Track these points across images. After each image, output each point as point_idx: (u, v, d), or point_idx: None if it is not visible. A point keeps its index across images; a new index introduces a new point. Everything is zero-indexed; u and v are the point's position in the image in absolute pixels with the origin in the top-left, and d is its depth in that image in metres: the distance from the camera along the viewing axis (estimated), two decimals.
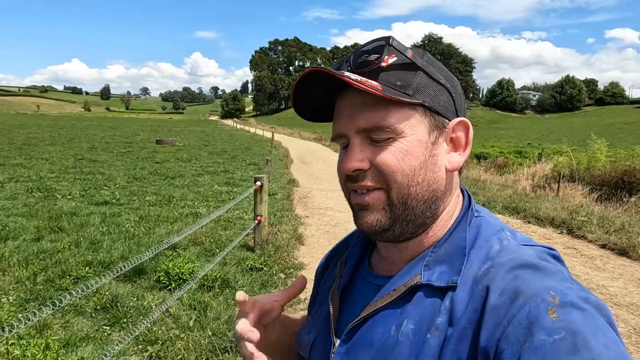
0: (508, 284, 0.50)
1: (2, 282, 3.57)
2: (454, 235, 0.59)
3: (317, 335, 0.67)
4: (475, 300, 0.51)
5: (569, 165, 13.28)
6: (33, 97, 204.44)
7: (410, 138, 0.55)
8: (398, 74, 0.55)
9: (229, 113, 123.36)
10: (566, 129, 59.78)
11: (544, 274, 0.50)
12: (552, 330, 0.43)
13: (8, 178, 9.01)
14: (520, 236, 0.59)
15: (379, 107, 0.54)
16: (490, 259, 0.55)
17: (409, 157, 0.55)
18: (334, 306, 0.65)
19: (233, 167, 13.09)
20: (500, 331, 0.46)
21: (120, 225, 5.63)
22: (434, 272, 0.56)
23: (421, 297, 0.56)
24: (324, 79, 0.55)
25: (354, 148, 0.56)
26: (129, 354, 2.71)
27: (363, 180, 0.56)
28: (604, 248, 5.53)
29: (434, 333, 0.52)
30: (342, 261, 0.71)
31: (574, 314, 0.44)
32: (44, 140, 19.33)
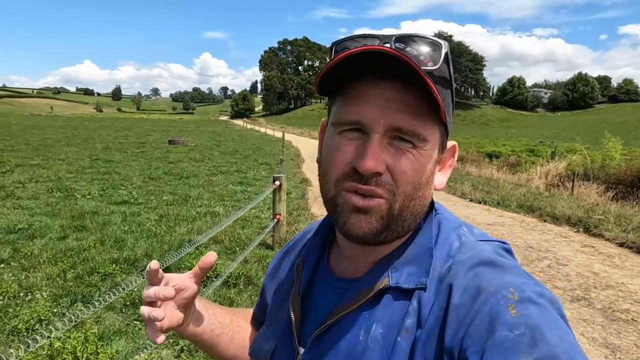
0: (469, 282, 0.51)
1: (35, 278, 3.69)
2: (420, 236, 0.58)
3: (278, 344, 0.64)
4: (441, 299, 0.52)
5: (583, 163, 13.17)
6: (46, 98, 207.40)
7: (427, 152, 0.53)
8: (440, 88, 0.52)
9: (238, 113, 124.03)
10: (579, 127, 59.07)
11: (502, 270, 0.51)
12: (512, 325, 0.45)
13: (28, 178, 9.20)
14: (476, 231, 0.60)
15: (420, 113, 0.51)
16: (452, 257, 0.55)
17: (423, 170, 0.53)
18: (295, 313, 0.62)
19: (246, 167, 13.20)
20: (463, 329, 0.48)
21: (141, 224, 5.75)
22: (402, 273, 0.55)
23: (389, 300, 0.55)
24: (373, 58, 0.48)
25: (376, 145, 0.51)
26: (160, 348, 2.80)
27: (375, 186, 0.52)
28: (622, 246, 5.52)
29: (405, 335, 0.52)
30: (299, 264, 0.67)
31: (531, 309, 0.46)
32: (59, 141, 19.65)
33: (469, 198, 9.20)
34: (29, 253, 4.29)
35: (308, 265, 0.66)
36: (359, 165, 0.50)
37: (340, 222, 0.54)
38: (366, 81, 0.52)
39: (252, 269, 4.09)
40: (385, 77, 0.50)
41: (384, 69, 0.50)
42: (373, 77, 0.51)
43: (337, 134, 0.54)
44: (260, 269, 4.28)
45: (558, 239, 5.95)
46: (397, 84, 0.50)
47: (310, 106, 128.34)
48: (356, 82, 0.52)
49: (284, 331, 0.63)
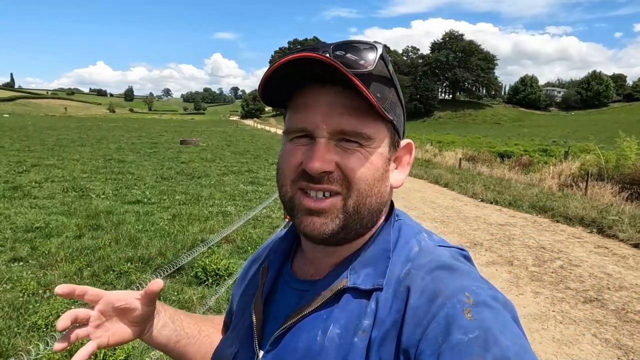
0: (427, 285, 0.52)
1: (52, 276, 3.78)
2: (378, 238, 0.60)
3: (240, 348, 0.64)
4: (398, 301, 0.53)
5: (597, 163, 13.00)
6: (60, 99, 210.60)
7: (377, 150, 0.56)
8: (379, 86, 0.54)
9: (249, 113, 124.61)
10: (593, 127, 58.20)
11: (459, 274, 0.53)
12: (467, 329, 0.46)
13: (44, 178, 9.39)
14: (435, 237, 0.62)
15: (360, 113, 0.54)
16: (411, 260, 0.57)
17: (373, 167, 0.55)
18: (257, 315, 0.63)
19: (256, 167, 13.28)
20: (420, 331, 0.49)
21: (154, 223, 5.84)
22: (360, 275, 0.57)
23: (347, 301, 0.56)
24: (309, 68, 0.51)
25: (322, 148, 0.54)
26: None
27: (328, 183, 0.54)
28: (636, 247, 5.45)
29: (361, 336, 0.53)
30: (264, 268, 0.68)
31: (485, 312, 0.47)
32: (73, 142, 19.98)
33: (480, 198, 9.15)
34: (46, 251, 4.39)
35: (272, 269, 0.67)
36: (307, 167, 0.54)
37: (297, 224, 0.57)
38: (311, 89, 0.55)
39: None
40: (325, 83, 0.54)
41: (323, 76, 0.53)
42: (316, 85, 0.54)
43: (288, 141, 0.58)
44: None
45: (571, 239, 5.90)
46: (336, 89, 0.53)
47: None
48: (301, 90, 0.56)
49: (246, 334, 0.64)
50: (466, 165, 16.37)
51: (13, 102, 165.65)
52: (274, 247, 0.72)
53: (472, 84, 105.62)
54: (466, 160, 17.28)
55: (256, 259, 0.77)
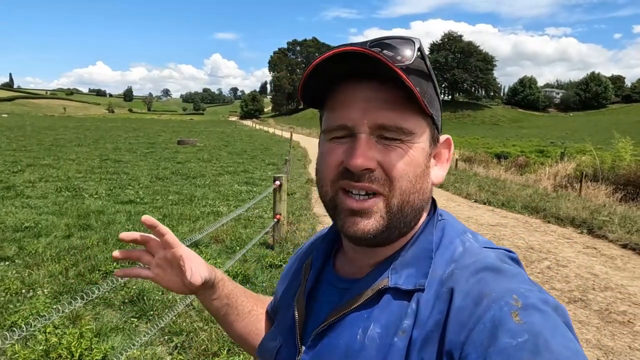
0: (472, 287, 0.50)
1: (37, 275, 3.78)
2: (421, 238, 0.59)
3: (283, 343, 0.66)
4: (441, 302, 0.52)
5: (593, 164, 13.03)
6: (59, 99, 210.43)
7: (417, 146, 0.55)
8: (418, 80, 0.53)
9: (248, 114, 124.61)
10: (591, 128, 58.26)
11: (506, 276, 0.51)
12: (515, 333, 0.44)
13: (38, 178, 9.38)
14: (481, 239, 0.60)
15: (400, 107, 0.53)
16: (455, 261, 0.55)
17: (415, 164, 0.55)
18: (300, 311, 0.64)
19: (252, 167, 13.29)
20: (465, 334, 0.47)
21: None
22: (401, 275, 0.56)
23: (388, 301, 0.55)
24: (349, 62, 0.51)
25: (364, 144, 0.53)
26: (155, 345, 2.86)
27: (369, 182, 0.54)
28: (625, 248, 5.46)
29: (401, 336, 0.52)
30: (307, 265, 0.70)
31: (535, 316, 0.45)
32: (71, 142, 19.97)
33: (474, 199, 9.16)
34: (33, 251, 4.39)
35: (315, 267, 0.68)
36: (349, 164, 0.53)
37: (339, 225, 0.57)
38: (346, 86, 0.55)
39: (250, 268, 4.14)
40: (362, 80, 0.54)
41: (360, 72, 0.53)
42: (352, 82, 0.54)
43: (327, 141, 0.57)
44: (259, 268, 4.33)
45: (561, 240, 5.90)
46: (374, 84, 0.53)
47: None
48: (338, 89, 0.55)
49: (288, 330, 0.66)
50: (462, 165, 16.37)
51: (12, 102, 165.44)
52: (316, 245, 0.73)
53: (471, 85, 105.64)
54: (463, 161, 17.30)
55: (299, 257, 0.79)
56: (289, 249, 4.87)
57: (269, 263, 4.45)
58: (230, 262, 3.86)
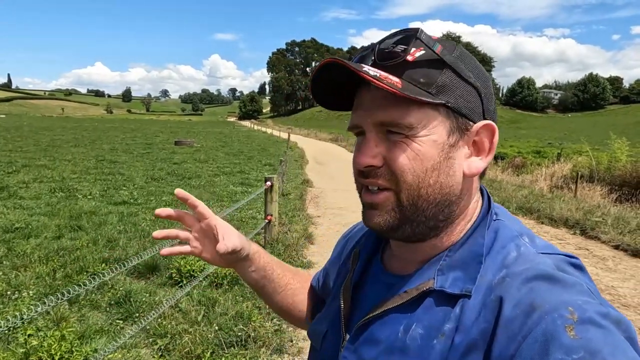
0: (523, 297, 0.48)
1: (24, 277, 3.76)
2: (470, 240, 0.57)
3: (329, 328, 0.67)
4: (488, 311, 0.49)
5: (589, 165, 13.03)
6: (58, 100, 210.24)
7: (425, 139, 0.53)
8: (423, 71, 0.52)
9: (246, 114, 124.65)
10: (589, 129, 58.36)
11: (562, 286, 0.48)
12: (570, 349, 0.41)
13: (32, 179, 9.35)
14: (540, 242, 0.56)
15: (400, 103, 0.53)
16: (506, 267, 0.52)
17: (422, 157, 0.53)
18: (346, 301, 0.65)
19: (249, 168, 13.26)
20: (514, 346, 0.45)
21: (136, 224, 5.82)
22: (448, 277, 0.55)
23: (432, 302, 0.55)
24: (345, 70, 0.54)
25: (369, 142, 0.55)
26: (140, 347, 2.84)
27: (375, 178, 0.55)
28: (617, 249, 5.46)
29: (441, 339, 0.51)
30: (356, 255, 0.70)
31: (592, 331, 0.42)
32: (67, 142, 19.93)
33: None
34: (21, 252, 4.37)
35: (362, 257, 0.69)
36: (355, 163, 0.57)
37: (364, 219, 0.60)
38: (360, 89, 0.57)
39: None
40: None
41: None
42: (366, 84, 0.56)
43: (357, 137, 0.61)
44: None
45: (553, 241, 5.89)
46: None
47: (318, 107, 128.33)
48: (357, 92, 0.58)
49: (335, 317, 0.66)
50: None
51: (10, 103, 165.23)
52: (366, 234, 0.72)
53: None
54: None
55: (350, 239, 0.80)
56: (280, 250, 4.86)
57: None
58: None
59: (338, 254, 0.81)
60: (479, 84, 0.56)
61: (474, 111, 0.55)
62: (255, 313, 3.25)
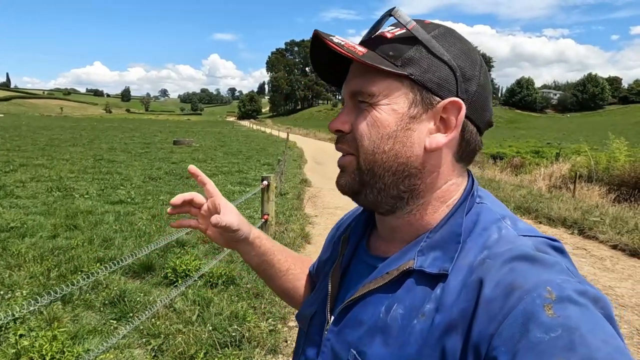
0: (503, 277, 0.48)
1: (18, 276, 3.73)
2: (450, 221, 0.57)
3: (317, 310, 0.69)
4: (469, 291, 0.50)
5: (587, 165, 13.03)
6: (57, 99, 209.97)
7: (385, 107, 0.55)
8: (394, 46, 0.56)
9: (245, 114, 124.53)
10: (588, 129, 58.39)
11: (541, 266, 0.48)
12: (548, 327, 0.42)
13: (30, 178, 9.31)
14: (521, 225, 0.57)
15: (367, 74, 0.56)
16: (487, 248, 0.53)
17: (379, 125, 0.56)
18: (333, 285, 0.67)
19: (247, 167, 13.24)
20: (494, 327, 0.45)
21: (132, 223, 5.79)
22: (427, 258, 0.55)
23: (413, 283, 0.55)
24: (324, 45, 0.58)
25: (343, 110, 0.60)
26: (133, 347, 2.82)
27: (341, 143, 0.60)
28: (615, 249, 5.44)
29: (421, 319, 0.52)
30: (345, 238, 0.72)
31: (570, 309, 0.43)
32: (66, 142, 19.87)
33: None
34: (16, 252, 4.33)
35: (352, 241, 0.70)
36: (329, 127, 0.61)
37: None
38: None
39: (235, 269, 4.09)
40: None
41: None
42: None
43: None
44: (244, 269, 4.28)
45: None
46: None
47: (317, 107, 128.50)
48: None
49: (322, 300, 0.68)
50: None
51: (9, 102, 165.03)
52: (357, 217, 0.74)
53: None
54: None
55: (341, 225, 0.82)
56: None
57: None
58: (213, 262, 3.82)
59: (329, 240, 0.83)
60: (456, 64, 0.55)
61: (442, 87, 0.55)
62: (250, 313, 3.23)
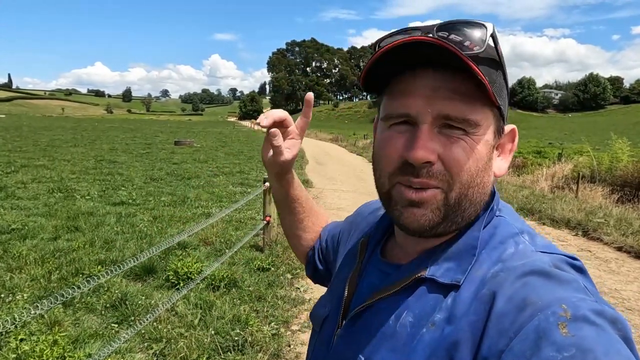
0: (516, 292, 0.47)
1: (19, 279, 3.70)
2: (468, 233, 0.56)
3: (330, 313, 0.68)
4: (480, 304, 0.49)
5: (590, 165, 12.97)
6: (58, 100, 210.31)
7: (482, 138, 0.52)
8: (487, 69, 0.51)
9: (247, 114, 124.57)
10: (589, 128, 58.30)
11: (556, 282, 0.47)
12: (561, 346, 0.40)
13: (31, 179, 9.29)
14: (540, 241, 0.55)
15: (468, 98, 0.50)
16: (502, 262, 0.52)
17: (477, 157, 0.52)
18: (350, 290, 0.66)
19: (249, 168, 13.21)
20: (504, 342, 0.44)
21: (134, 225, 5.76)
22: (440, 267, 0.54)
23: (424, 291, 0.54)
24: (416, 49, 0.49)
25: (426, 135, 0.51)
26: (135, 352, 2.79)
27: (426, 177, 0.52)
28: (620, 251, 5.40)
29: (430, 328, 0.51)
30: (364, 244, 0.70)
31: (585, 329, 0.41)
32: (67, 142, 19.87)
33: None
34: (17, 254, 4.31)
35: (370, 247, 0.68)
36: (409, 156, 0.51)
37: (396, 216, 0.56)
38: (412, 73, 0.52)
39: (237, 271, 4.07)
40: (428, 67, 0.51)
41: (427, 59, 0.50)
42: (419, 69, 0.52)
43: (387, 128, 0.55)
44: (247, 271, 4.26)
45: (555, 242, 5.84)
46: (442, 72, 0.51)
47: (319, 107, 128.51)
48: (402, 75, 0.53)
49: (336, 303, 0.67)
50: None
51: (10, 103, 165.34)
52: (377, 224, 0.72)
53: None
54: None
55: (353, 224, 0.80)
56: (278, 252, 4.80)
57: (257, 266, 4.38)
58: (216, 264, 3.79)
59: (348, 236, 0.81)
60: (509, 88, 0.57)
61: (506, 114, 0.57)
62: (252, 317, 3.20)
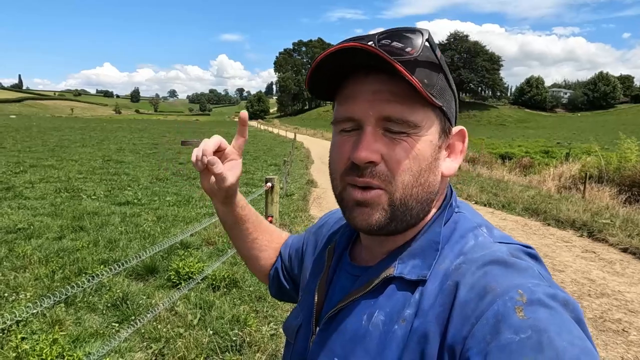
0: (477, 281, 0.50)
1: (23, 278, 3.75)
2: (429, 230, 0.59)
3: (302, 322, 0.69)
4: (444, 295, 0.51)
5: (598, 165, 12.83)
6: (67, 100, 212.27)
7: (424, 138, 0.54)
8: (426, 72, 0.53)
9: (253, 114, 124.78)
10: (599, 128, 57.64)
11: (514, 270, 0.50)
12: (518, 328, 0.43)
13: (39, 179, 9.40)
14: (497, 233, 0.59)
15: (407, 100, 0.53)
16: (463, 254, 0.55)
17: (420, 158, 0.54)
18: (319, 297, 0.67)
19: (254, 168, 13.25)
20: (467, 328, 0.47)
21: (138, 225, 5.81)
22: (407, 265, 0.57)
23: (393, 290, 0.56)
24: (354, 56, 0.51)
25: (369, 137, 0.54)
26: (134, 351, 2.81)
27: (369, 177, 0.54)
28: (625, 252, 5.34)
29: (401, 324, 0.53)
30: (331, 250, 0.72)
31: (540, 312, 0.44)
32: (75, 142, 20.07)
33: (475, 200, 9.04)
34: (22, 253, 4.36)
35: (337, 254, 0.70)
36: (354, 157, 0.54)
37: (347, 216, 0.59)
38: (355, 79, 0.55)
39: (238, 272, 4.08)
40: (370, 73, 0.54)
41: (367, 65, 0.53)
42: (361, 74, 0.54)
43: (337, 133, 0.58)
44: (247, 271, 4.27)
45: (559, 243, 5.79)
46: (381, 77, 0.53)
47: (325, 107, 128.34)
48: (348, 81, 0.56)
49: (308, 312, 0.68)
50: (466, 166, 16.20)
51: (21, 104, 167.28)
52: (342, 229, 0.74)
53: (477, 85, 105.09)
54: (466, 162, 17.12)
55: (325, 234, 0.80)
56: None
57: None
58: (216, 264, 3.81)
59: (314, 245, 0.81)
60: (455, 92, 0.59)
61: (453, 116, 0.59)
62: (251, 317, 3.21)
